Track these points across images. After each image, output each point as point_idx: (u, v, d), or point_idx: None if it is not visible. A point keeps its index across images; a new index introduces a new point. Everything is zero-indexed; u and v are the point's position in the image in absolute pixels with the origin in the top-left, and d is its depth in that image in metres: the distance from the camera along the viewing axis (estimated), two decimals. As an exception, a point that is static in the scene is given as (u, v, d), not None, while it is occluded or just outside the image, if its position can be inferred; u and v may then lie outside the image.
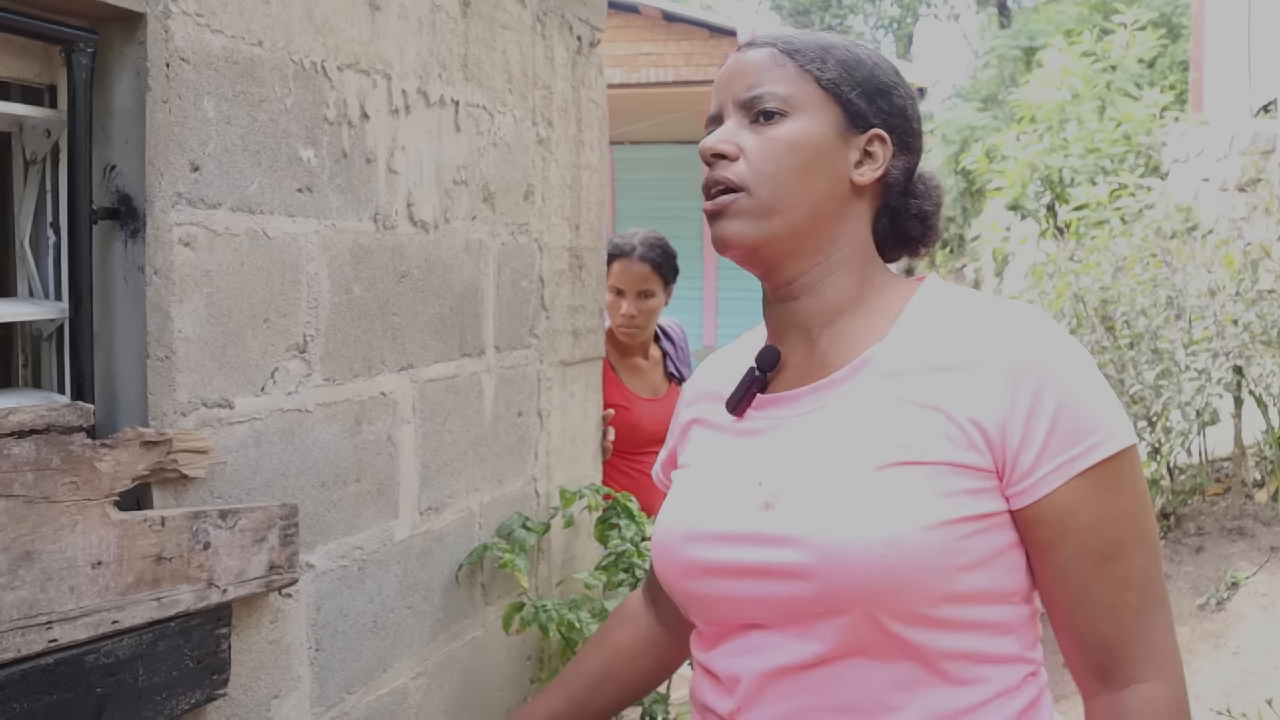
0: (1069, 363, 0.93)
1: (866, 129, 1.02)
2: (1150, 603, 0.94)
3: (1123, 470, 0.92)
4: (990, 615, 0.94)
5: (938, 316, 0.99)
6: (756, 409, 1.05)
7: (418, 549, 1.94)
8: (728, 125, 1.02)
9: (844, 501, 0.92)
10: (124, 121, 1.32)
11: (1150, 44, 8.99)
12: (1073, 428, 0.91)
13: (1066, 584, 0.93)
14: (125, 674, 1.29)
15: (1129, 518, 0.93)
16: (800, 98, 1.00)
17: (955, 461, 0.91)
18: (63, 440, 1.20)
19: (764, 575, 0.94)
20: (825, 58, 1.02)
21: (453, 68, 1.98)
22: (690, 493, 1.06)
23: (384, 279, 1.79)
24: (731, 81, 1.04)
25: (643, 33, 7.44)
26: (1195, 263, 4.21)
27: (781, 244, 1.00)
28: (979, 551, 0.91)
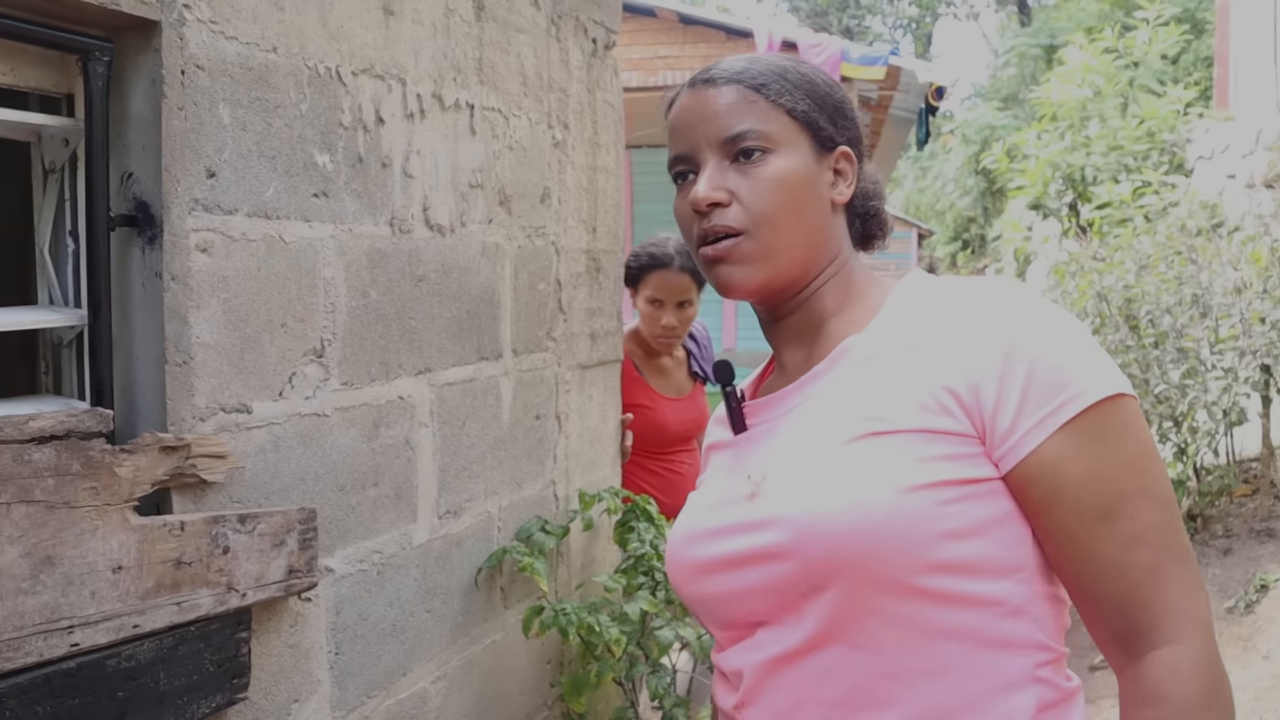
0: (1041, 322, 0.91)
1: (834, 149, 1.05)
2: (1166, 559, 0.88)
3: (1112, 420, 0.89)
4: (991, 590, 0.89)
5: (912, 303, 1.01)
6: (752, 416, 1.08)
7: (436, 553, 1.94)
8: (710, 170, 1.02)
9: (814, 476, 0.93)
10: (140, 129, 1.33)
11: (1174, 40, 8.91)
12: (1049, 380, 0.88)
13: (1070, 545, 0.89)
14: (146, 678, 1.30)
15: (1129, 470, 0.88)
16: (777, 132, 1.02)
17: (928, 428, 0.90)
18: (83, 446, 1.21)
19: (751, 561, 0.95)
20: (789, 87, 1.03)
21: (467, 71, 1.98)
22: (694, 503, 1.09)
23: (401, 283, 1.80)
24: (700, 122, 1.03)
25: (659, 36, 7.44)
26: (1221, 260, 4.17)
27: (783, 277, 1.03)
28: (966, 519, 0.88)
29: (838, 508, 0.89)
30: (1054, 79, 9.14)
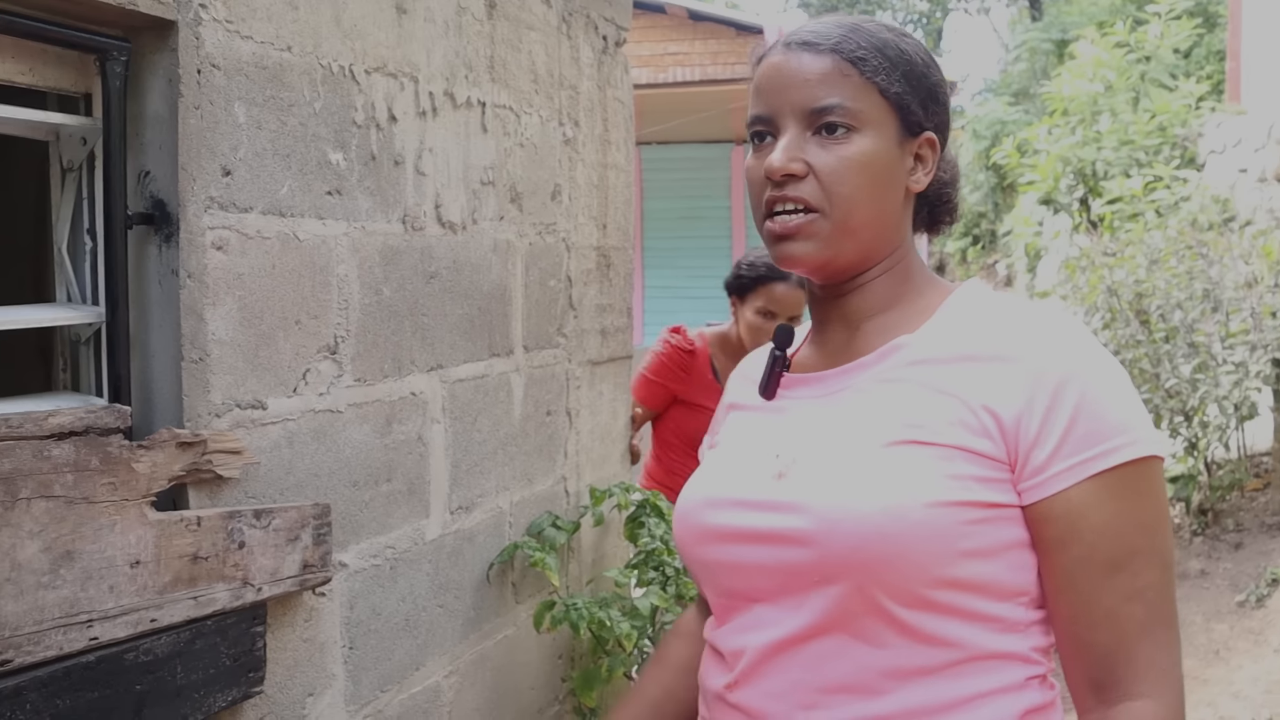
0: (1094, 365, 0.93)
1: (919, 134, 1.02)
2: (1156, 621, 0.92)
3: (1141, 480, 0.91)
4: (994, 610, 0.93)
5: (970, 313, 1.00)
6: (786, 389, 1.07)
7: (449, 548, 1.96)
8: (791, 139, 0.99)
9: (849, 472, 0.93)
10: (157, 128, 1.34)
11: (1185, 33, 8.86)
12: (1092, 428, 0.90)
13: (1071, 588, 0.92)
14: (164, 671, 1.31)
15: (1143, 529, 0.91)
16: (866, 111, 0.98)
17: (966, 446, 0.91)
18: (101, 442, 1.23)
19: (768, 540, 0.96)
20: (886, 65, 0.99)
21: (479, 69, 1.99)
22: (714, 465, 1.08)
23: (413, 280, 1.81)
24: (789, 88, 0.99)
25: (669, 32, 7.45)
26: (1232, 255, 4.16)
27: (846, 258, 1.01)
28: (985, 540, 0.91)
29: (867, 509, 0.90)
30: (1065, 73, 9.11)
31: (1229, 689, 3.18)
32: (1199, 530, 4.00)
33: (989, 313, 0.99)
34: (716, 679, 1.03)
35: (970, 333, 0.97)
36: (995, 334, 0.96)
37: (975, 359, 0.95)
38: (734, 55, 7.48)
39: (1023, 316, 0.97)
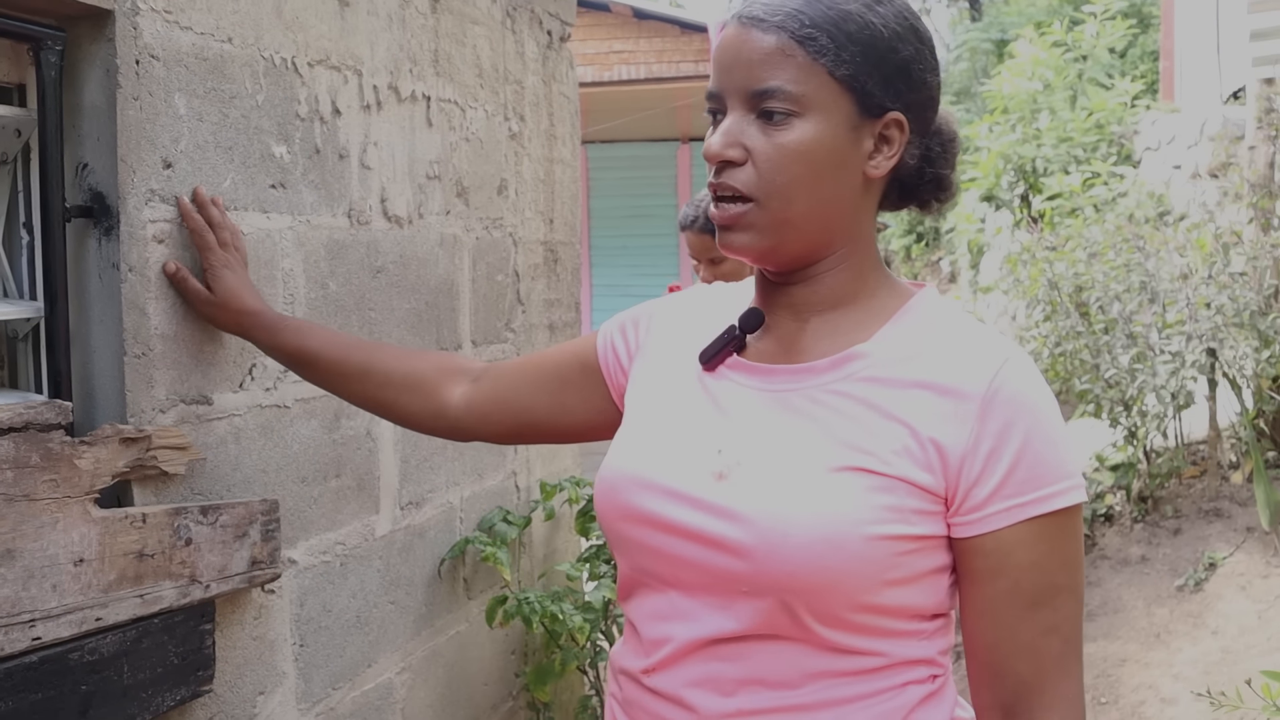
0: (1039, 411, 0.93)
1: (882, 114, 0.95)
2: (1070, 653, 0.95)
3: (1068, 523, 0.93)
4: (905, 626, 0.96)
5: (926, 332, 0.98)
6: (730, 369, 1.03)
7: (399, 544, 1.95)
8: (732, 121, 0.95)
9: (792, 493, 0.92)
10: (95, 119, 1.32)
11: (1120, 33, 9.07)
12: (1031, 473, 0.91)
13: (993, 619, 0.95)
14: (110, 671, 1.29)
15: (1066, 567, 0.94)
16: (811, 95, 0.92)
17: (910, 479, 0.92)
18: (41, 438, 1.21)
19: (701, 542, 0.95)
20: (839, 42, 0.92)
21: (423, 63, 1.98)
22: (645, 439, 1.04)
23: (359, 274, 1.80)
24: (735, 66, 0.95)
25: (614, 30, 7.45)
26: (1168, 248, 4.26)
27: (790, 249, 0.97)
28: (910, 569, 0.93)
29: (806, 536, 0.90)
30: (1005, 72, 9.26)
31: (1169, 671, 3.26)
32: (1139, 517, 4.10)
33: (946, 336, 0.97)
34: (632, 660, 1.03)
35: (927, 357, 0.96)
36: (951, 365, 0.94)
37: (930, 388, 0.93)
38: (679, 54, 7.50)
39: (977, 345, 0.96)
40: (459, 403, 1.27)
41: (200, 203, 1.41)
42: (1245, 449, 4.00)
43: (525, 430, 1.26)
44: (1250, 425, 3.89)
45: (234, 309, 1.39)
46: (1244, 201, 4.38)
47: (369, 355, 1.33)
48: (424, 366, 1.31)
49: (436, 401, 1.28)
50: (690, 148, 9.28)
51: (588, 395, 1.18)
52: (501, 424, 1.26)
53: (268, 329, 1.38)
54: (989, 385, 0.92)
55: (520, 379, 1.24)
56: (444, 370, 1.30)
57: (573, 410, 1.20)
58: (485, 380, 1.27)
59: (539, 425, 1.24)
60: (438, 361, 1.32)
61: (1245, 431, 3.92)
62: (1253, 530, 3.72)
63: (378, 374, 1.31)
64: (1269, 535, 3.59)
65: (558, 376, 1.21)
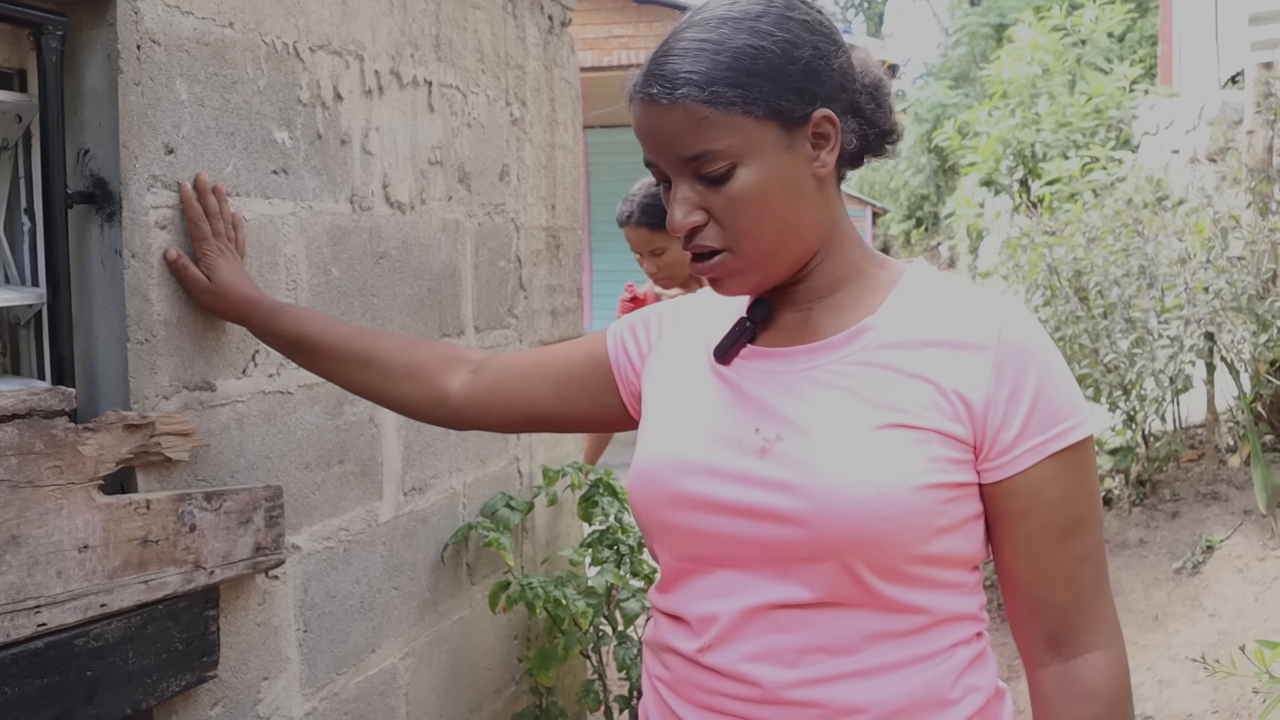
0: (1046, 351, 0.99)
1: (808, 119, 0.97)
2: (1101, 576, 1.02)
3: (1085, 455, 1.00)
4: (952, 577, 1.00)
5: (927, 296, 1.03)
6: (745, 359, 1.06)
7: (402, 529, 1.95)
8: (682, 190, 0.98)
9: (841, 456, 0.95)
10: (96, 105, 1.32)
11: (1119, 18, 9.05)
12: (1050, 411, 0.97)
13: (1031, 555, 1.00)
14: (115, 657, 1.29)
15: (1088, 498, 1.00)
16: (738, 143, 0.95)
17: (943, 430, 0.96)
18: (45, 425, 1.21)
19: (753, 516, 0.97)
20: (741, 83, 0.93)
21: (425, 48, 1.98)
22: (678, 426, 1.06)
23: (362, 260, 1.79)
24: (657, 144, 0.98)
25: (614, 15, 7.42)
26: (1166, 232, 4.25)
27: (777, 273, 1.02)
28: (953, 517, 0.97)
29: (861, 493, 0.93)
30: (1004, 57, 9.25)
31: (1167, 653, 3.27)
32: (1137, 501, 4.11)
33: (944, 296, 1.03)
34: (684, 642, 1.03)
35: (933, 318, 1.00)
36: (957, 320, 1.00)
37: (943, 345, 0.98)
38: (678, 39, 7.47)
39: (976, 300, 1.01)
40: (459, 392, 1.28)
41: (201, 189, 1.40)
42: (1243, 432, 4.01)
43: (526, 422, 1.28)
44: (1248, 409, 3.89)
45: (231, 297, 1.39)
46: (1242, 186, 4.37)
47: (369, 343, 1.33)
48: (424, 356, 1.32)
49: (436, 391, 1.29)
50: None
51: (593, 391, 1.21)
52: (502, 415, 1.28)
53: (266, 316, 1.38)
54: (999, 335, 0.97)
55: (524, 373, 1.26)
56: (444, 360, 1.31)
57: (576, 404, 1.23)
58: (486, 372, 1.28)
59: (541, 418, 1.27)
60: (438, 351, 1.33)
61: (1243, 415, 3.93)
62: (1250, 513, 3.73)
63: (378, 362, 1.32)
64: (1266, 518, 3.60)
65: (564, 371, 1.24)
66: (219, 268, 1.39)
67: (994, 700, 1.04)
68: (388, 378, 1.32)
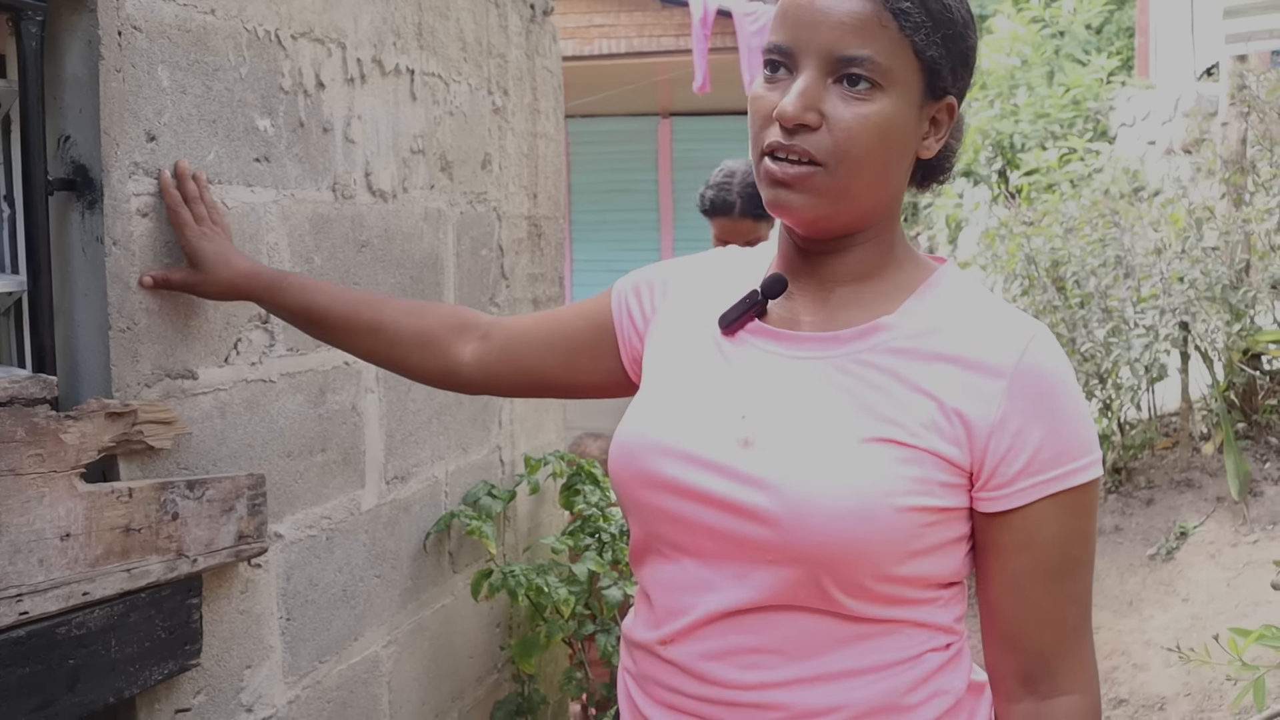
0: (1066, 385, 0.94)
1: (942, 98, 0.96)
2: (1085, 619, 0.99)
3: (1088, 497, 0.95)
4: (924, 594, 0.97)
5: (951, 306, 0.98)
6: (750, 334, 1.02)
7: (385, 518, 1.95)
8: (808, 83, 0.91)
9: (823, 463, 0.92)
10: (77, 91, 1.31)
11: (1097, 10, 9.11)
12: (1060, 449, 0.93)
13: (1017, 593, 0.96)
14: (97, 645, 1.29)
15: (1084, 540, 0.96)
16: (896, 71, 0.91)
17: (937, 451, 0.92)
18: (26, 413, 1.20)
19: (725, 509, 0.95)
20: (928, 22, 0.91)
21: (407, 36, 1.97)
22: (665, 404, 1.03)
23: (344, 248, 1.79)
24: (820, 25, 0.90)
25: (595, 4, 7.40)
26: (1142, 223, 4.30)
27: (841, 219, 0.96)
28: (932, 540, 0.94)
29: (838, 507, 0.90)
30: (983, 48, 9.29)
31: (1141, 637, 3.32)
32: (1113, 488, 4.16)
33: (971, 310, 0.97)
34: (645, 632, 1.03)
35: (952, 330, 0.96)
36: (978, 339, 0.95)
37: (956, 362, 0.94)
38: (660, 28, 7.46)
39: (1002, 320, 0.96)
40: (470, 360, 1.27)
41: (180, 176, 1.39)
42: (1216, 420, 4.06)
43: (536, 389, 1.26)
44: (1221, 397, 3.94)
45: (226, 276, 1.36)
46: (1217, 177, 4.42)
47: (377, 312, 1.31)
48: (433, 323, 1.29)
49: (447, 360, 1.28)
50: (670, 122, 9.24)
51: (599, 356, 1.18)
52: (513, 382, 1.26)
53: (269, 288, 1.36)
54: (1017, 361, 0.93)
55: (532, 339, 1.23)
56: (452, 326, 1.29)
57: (584, 370, 1.20)
58: (495, 338, 1.26)
59: (550, 385, 1.24)
60: (446, 317, 1.30)
61: (1216, 403, 3.98)
62: (1223, 500, 3.78)
63: (387, 331, 1.30)
64: (1238, 505, 3.65)
65: (568, 337, 1.20)
66: (204, 250, 1.37)
67: (968, 697, 1.01)
68: (397, 347, 1.30)
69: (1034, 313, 4.34)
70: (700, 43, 7.00)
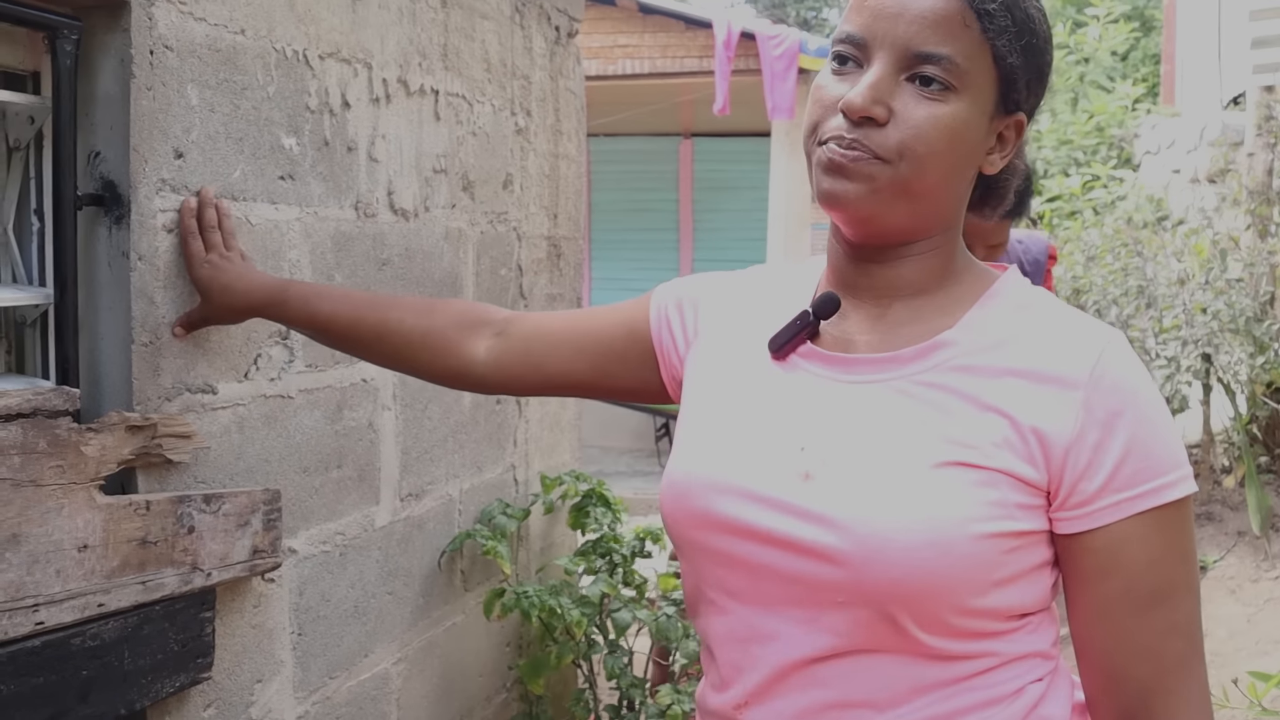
0: (1146, 395, 0.88)
1: (1013, 112, 0.92)
2: (1193, 653, 0.89)
3: (1181, 514, 0.88)
4: (1008, 626, 0.90)
5: (1016, 316, 0.92)
6: (803, 358, 0.96)
7: (399, 535, 1.96)
8: (881, 76, 0.87)
9: (892, 493, 0.86)
10: (108, 108, 1.33)
11: (1123, 37, 9.09)
12: (1141, 465, 0.86)
13: (1107, 622, 0.89)
14: (111, 657, 1.30)
15: (1181, 563, 0.88)
16: (973, 74, 0.87)
17: (1012, 472, 0.86)
18: (49, 424, 1.22)
19: (790, 549, 0.88)
20: (1011, 29, 0.87)
21: (433, 57, 1.99)
22: (717, 437, 0.97)
23: (365, 266, 1.81)
24: (899, 17, 0.87)
25: (619, 24, 7.45)
26: (1165, 253, 4.28)
27: (895, 221, 0.90)
28: (1015, 567, 0.87)
29: (911, 540, 0.84)
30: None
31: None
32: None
33: (1038, 320, 0.92)
34: (716, 697, 0.96)
35: (1020, 343, 0.90)
36: (1048, 350, 0.89)
37: (1027, 376, 0.88)
38: (683, 49, 7.50)
39: (1074, 329, 0.90)
40: (484, 359, 1.22)
41: (203, 203, 1.40)
42: (1238, 454, 4.02)
43: (559, 389, 1.22)
44: (1243, 430, 3.91)
45: (228, 302, 1.37)
46: (1242, 208, 4.40)
47: (382, 317, 1.28)
48: (442, 323, 1.26)
49: (459, 359, 1.24)
50: (692, 143, 9.28)
51: (633, 365, 1.14)
52: (532, 382, 1.22)
53: (271, 303, 1.34)
54: (1092, 371, 0.87)
55: (557, 341, 1.19)
56: (463, 325, 1.25)
57: (615, 376, 1.16)
58: (513, 336, 1.22)
59: (575, 386, 1.20)
60: (457, 315, 1.26)
61: (1238, 436, 3.94)
62: (1244, 534, 3.75)
63: (395, 335, 1.27)
64: (1259, 540, 3.61)
65: (602, 343, 1.16)
66: (205, 280, 1.37)
67: None
68: (407, 349, 1.26)
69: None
70: (723, 64, 7.04)
